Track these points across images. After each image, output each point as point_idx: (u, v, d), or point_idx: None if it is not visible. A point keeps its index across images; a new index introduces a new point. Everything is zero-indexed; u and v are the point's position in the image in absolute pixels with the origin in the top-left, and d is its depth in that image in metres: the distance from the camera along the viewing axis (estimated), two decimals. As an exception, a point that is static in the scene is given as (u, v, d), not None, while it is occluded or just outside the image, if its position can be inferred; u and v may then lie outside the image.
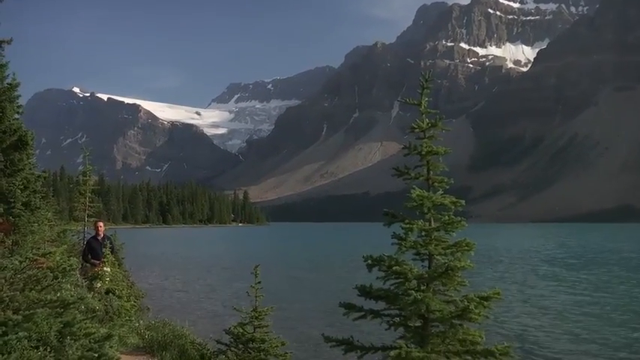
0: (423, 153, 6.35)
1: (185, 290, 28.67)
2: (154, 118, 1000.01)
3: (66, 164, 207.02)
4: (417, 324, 6.01)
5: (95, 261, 13.53)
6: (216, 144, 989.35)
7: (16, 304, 5.42)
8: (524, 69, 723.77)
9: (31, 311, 5.30)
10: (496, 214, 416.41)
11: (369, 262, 6.10)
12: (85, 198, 19.27)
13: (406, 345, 5.75)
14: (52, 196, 30.60)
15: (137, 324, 12.27)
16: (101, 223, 13.98)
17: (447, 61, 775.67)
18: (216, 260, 49.02)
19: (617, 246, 71.15)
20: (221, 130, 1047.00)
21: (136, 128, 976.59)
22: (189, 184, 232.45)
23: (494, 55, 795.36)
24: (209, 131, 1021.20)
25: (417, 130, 6.50)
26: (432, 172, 6.39)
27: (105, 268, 13.13)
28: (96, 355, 5.40)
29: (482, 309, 5.76)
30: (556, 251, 60.08)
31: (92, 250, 13.64)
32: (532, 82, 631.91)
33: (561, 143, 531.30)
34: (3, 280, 5.53)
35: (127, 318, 11.91)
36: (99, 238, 13.83)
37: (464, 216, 6.23)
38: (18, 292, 5.47)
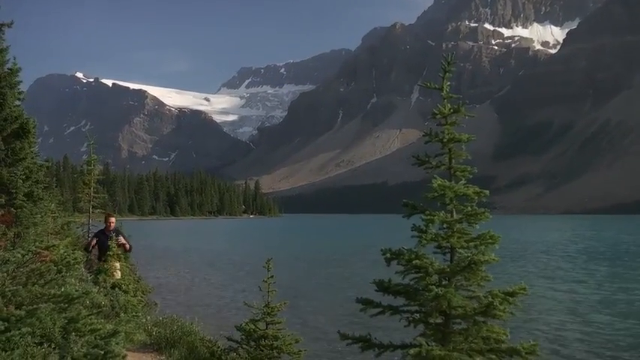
0: (445, 140, 6.31)
1: (194, 285, 28.84)
2: (161, 104, 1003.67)
3: (69, 153, 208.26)
4: (438, 321, 6.00)
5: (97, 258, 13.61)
6: (226, 131, 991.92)
7: (19, 298, 5.46)
8: (553, 51, 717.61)
9: (35, 306, 5.34)
10: (522, 205, 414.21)
11: (388, 255, 6.10)
12: (90, 188, 19.38)
13: (426, 343, 5.74)
14: (55, 187, 30.86)
15: (144, 320, 12.35)
16: (113, 219, 13.81)
17: (471, 43, 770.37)
18: (226, 253, 49.24)
19: (652, 239, 70.47)
20: (231, 117, 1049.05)
21: (142, 115, 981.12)
22: (197, 174, 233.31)
23: (521, 37, 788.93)
24: (219, 118, 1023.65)
25: (439, 116, 6.47)
26: (454, 161, 6.36)
27: (115, 263, 13.09)
28: (102, 352, 5.44)
29: (507, 305, 5.74)
30: (586, 244, 59.69)
31: (100, 245, 13.42)
32: (561, 64, 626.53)
33: (592, 130, 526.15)
34: (5, 274, 5.57)
35: (134, 314, 11.98)
36: (107, 232, 13.65)
37: (488, 207, 6.20)
38: (21, 287, 5.52)
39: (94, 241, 13.72)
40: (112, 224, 13.68)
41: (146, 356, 10.24)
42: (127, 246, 13.92)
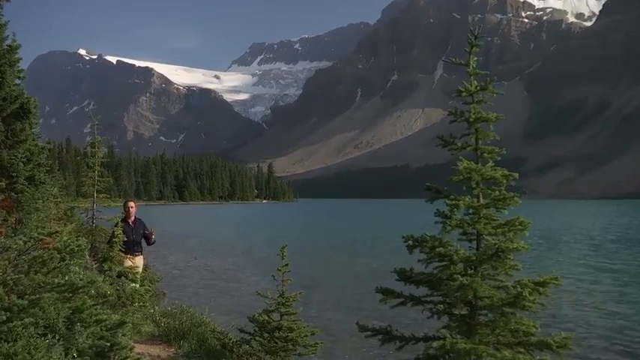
0: (471, 120, 6.27)
1: (204, 274, 29.00)
2: (169, 82, 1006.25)
3: (72, 134, 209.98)
4: (464, 312, 6.00)
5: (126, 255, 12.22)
6: (238, 111, 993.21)
7: (21, 287, 5.52)
8: (588, 23, 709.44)
9: (37, 296, 5.40)
10: (553, 189, 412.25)
11: (410, 242, 6.09)
12: (94, 172, 19.48)
13: (451, 335, 5.75)
14: (58, 170, 31.15)
15: (152, 310, 12.45)
16: (132, 203, 12.43)
17: (499, 16, 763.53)
18: (238, 240, 49.46)
19: (693, 226, 69.81)
20: (243, 96, 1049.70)
21: (148, 94, 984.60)
22: (207, 156, 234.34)
23: (553, 8, 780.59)
24: (229, 97, 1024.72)
25: (464, 93, 6.42)
26: (481, 142, 6.32)
27: (138, 259, 12.42)
28: (108, 343, 5.50)
29: (537, 296, 5.72)
30: (621, 232, 59.23)
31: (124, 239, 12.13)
32: (597, 38, 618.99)
33: (629, 110, 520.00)
34: (6, 262, 5.63)
35: (141, 304, 12.07)
36: (130, 221, 12.51)
37: (517, 191, 6.16)
38: (23, 275, 5.57)
39: (118, 233, 12.41)
40: (131, 210, 12.51)
41: (154, 348, 10.32)
42: (151, 238, 12.72)
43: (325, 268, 30.94)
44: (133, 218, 12.25)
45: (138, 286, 12.38)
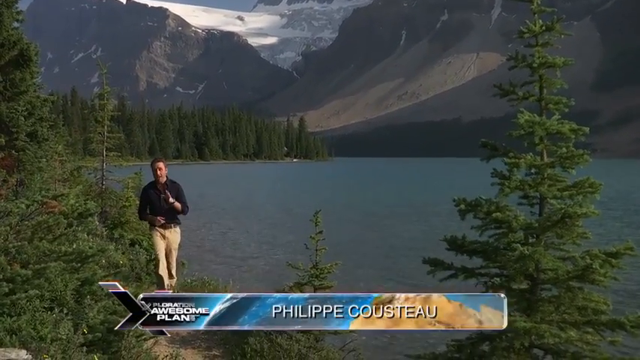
0: (535, 65, 6.18)
1: (228, 241, 29.27)
2: (186, 25, 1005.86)
3: (78, 85, 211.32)
4: (523, 286, 5.99)
5: (159, 218, 10.40)
6: (264, 57, 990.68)
7: (25, 256, 5.60)
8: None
9: (42, 265, 5.48)
10: (628, 147, 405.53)
11: (462, 207, 6.07)
12: (103, 127, 19.59)
13: (509, 313, 5.74)
14: (63, 125, 31.33)
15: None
16: (161, 164, 10.56)
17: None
18: (265, 205, 49.74)
19: None
20: (270, 40, 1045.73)
21: (162, 39, 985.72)
22: (230, 110, 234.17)
23: None
24: (255, 41, 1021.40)
25: (527, 35, 6.32)
26: (545, 91, 6.24)
27: (170, 233, 10.75)
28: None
29: (609, 269, 5.68)
30: None
31: (151, 205, 10.67)
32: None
33: None
34: (8, 228, 5.71)
35: (158, 275, 12.21)
36: (159, 186, 10.83)
37: (587, 149, 6.08)
38: (26, 243, 5.65)
39: (144, 202, 11.00)
40: (160, 171, 10.84)
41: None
42: (179, 206, 10.60)
43: (364, 236, 30.99)
44: (163, 181, 10.52)
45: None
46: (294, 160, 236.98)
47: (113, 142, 19.98)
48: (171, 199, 10.08)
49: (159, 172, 10.03)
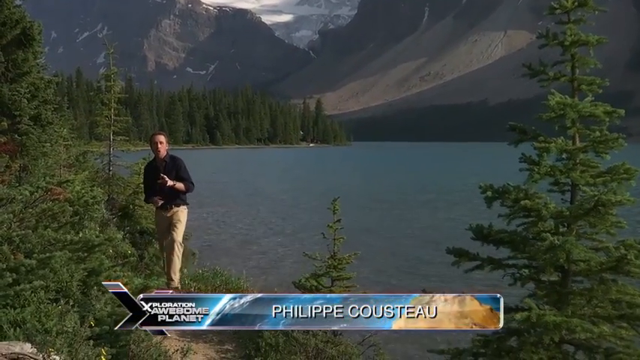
0: (567, 43, 6.13)
1: (241, 230, 29.35)
2: (196, 2, 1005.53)
3: (83, 65, 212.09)
4: (554, 278, 5.97)
5: (157, 199, 9.50)
6: (279, 36, 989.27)
7: (29, 245, 5.62)
8: None
9: (47, 255, 5.49)
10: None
11: (489, 194, 6.05)
12: (110, 110, 19.63)
13: (537, 306, 5.72)
14: (67, 108, 31.48)
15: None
16: (162, 137, 9.74)
17: None
18: (280, 192, 49.80)
19: None
20: (285, 17, 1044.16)
21: (172, 17, 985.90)
22: (243, 91, 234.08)
23: None
24: (269, 19, 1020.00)
25: (559, 11, 6.27)
26: (578, 71, 6.19)
27: (173, 213, 9.91)
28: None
29: (645, 260, 5.64)
30: None
31: (154, 185, 9.73)
32: None
33: None
34: (11, 216, 5.72)
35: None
36: (158, 162, 10.03)
37: (621, 132, 6.03)
38: (30, 231, 5.67)
39: (145, 182, 10.34)
40: (160, 145, 9.98)
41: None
42: (181, 186, 9.82)
43: (385, 225, 30.99)
44: (162, 156, 9.69)
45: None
46: (311, 144, 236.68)
47: (120, 126, 19.99)
48: (170, 182, 9.17)
49: (159, 145, 9.29)
